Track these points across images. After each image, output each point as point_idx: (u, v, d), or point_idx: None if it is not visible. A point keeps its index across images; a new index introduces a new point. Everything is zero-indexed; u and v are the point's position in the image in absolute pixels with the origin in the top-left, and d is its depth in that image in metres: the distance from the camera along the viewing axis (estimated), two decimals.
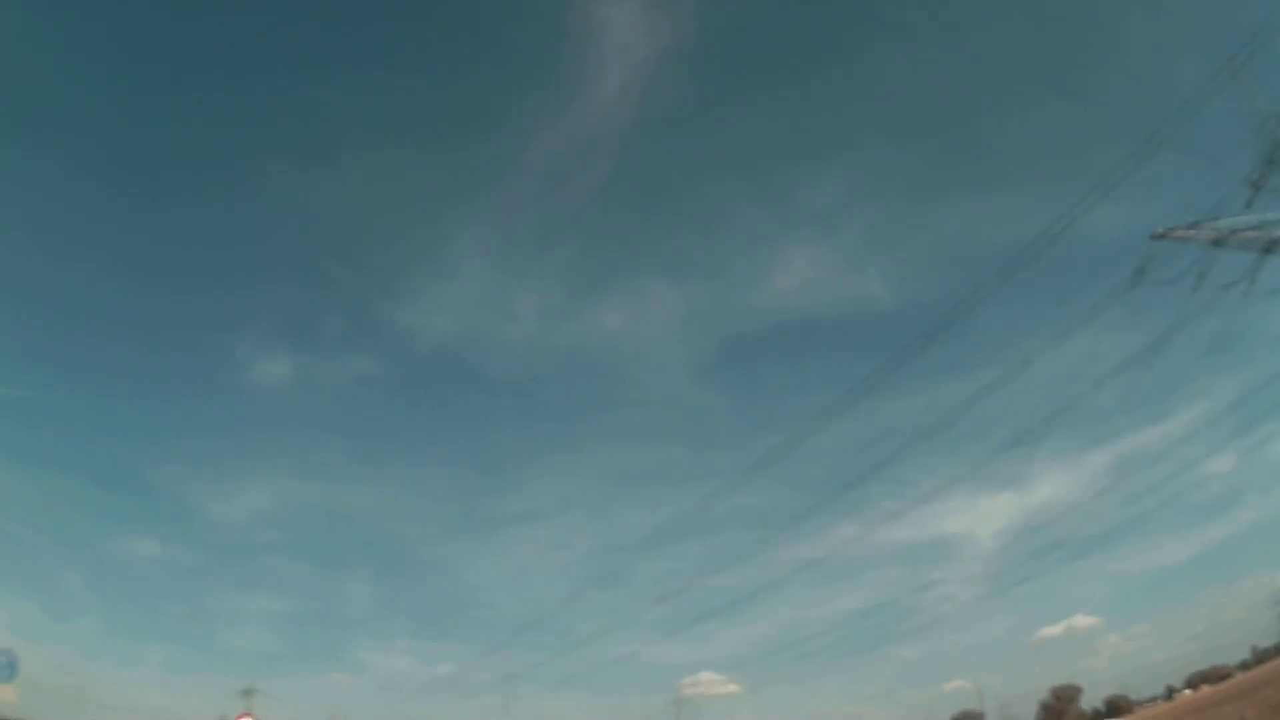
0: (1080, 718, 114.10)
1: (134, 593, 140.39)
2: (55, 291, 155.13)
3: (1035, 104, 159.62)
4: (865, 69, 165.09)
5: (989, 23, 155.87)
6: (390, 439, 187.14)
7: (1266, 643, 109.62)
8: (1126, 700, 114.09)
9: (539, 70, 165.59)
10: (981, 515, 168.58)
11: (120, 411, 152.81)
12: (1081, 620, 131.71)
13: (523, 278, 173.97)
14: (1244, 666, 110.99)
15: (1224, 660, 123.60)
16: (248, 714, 66.14)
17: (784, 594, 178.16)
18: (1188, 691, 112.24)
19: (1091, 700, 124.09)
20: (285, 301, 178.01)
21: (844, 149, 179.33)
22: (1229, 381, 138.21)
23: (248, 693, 66.57)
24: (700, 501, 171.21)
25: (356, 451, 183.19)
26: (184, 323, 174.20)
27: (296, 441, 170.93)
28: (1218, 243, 29.91)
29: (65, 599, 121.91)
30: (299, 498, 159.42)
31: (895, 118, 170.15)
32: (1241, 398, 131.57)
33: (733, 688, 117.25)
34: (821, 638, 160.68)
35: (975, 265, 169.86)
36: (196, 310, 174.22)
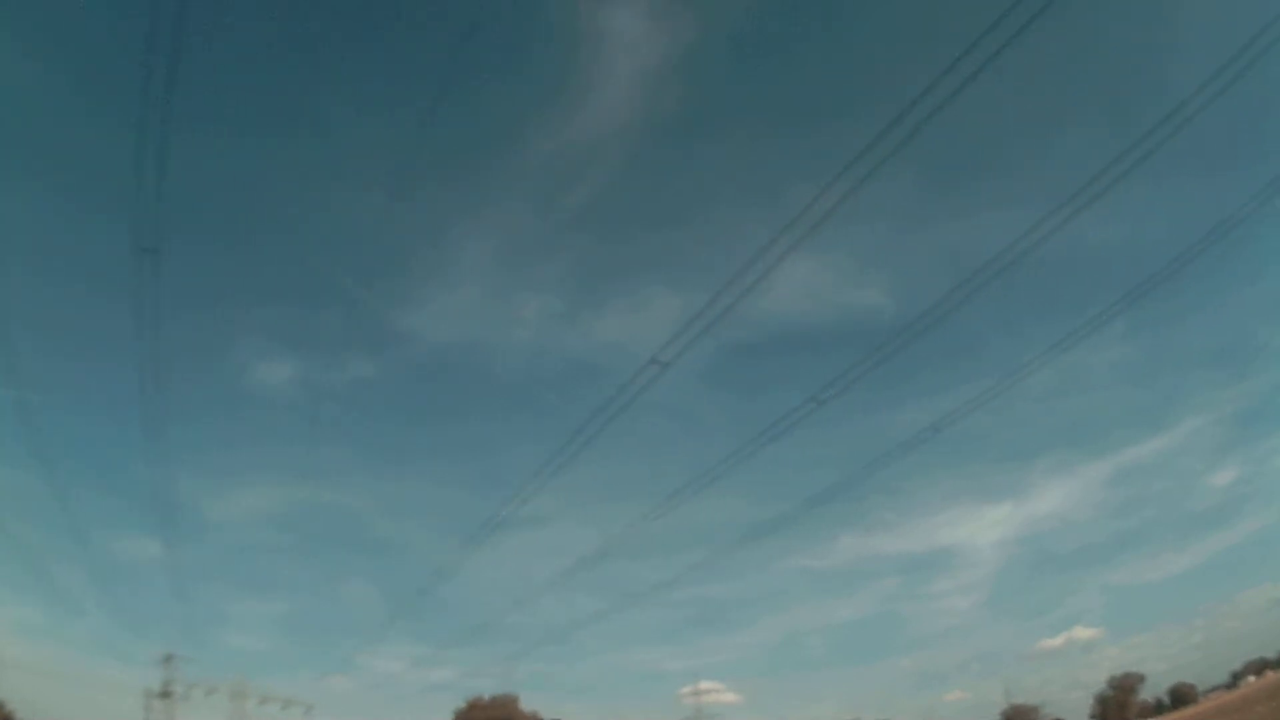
0: (1144, 709, 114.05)
1: (134, 593, 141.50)
2: (62, 290, 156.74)
3: (1041, 120, 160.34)
4: (870, 79, 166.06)
5: (995, 36, 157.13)
6: (391, 442, 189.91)
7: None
8: (1191, 689, 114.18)
9: (540, 79, 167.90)
10: (981, 526, 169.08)
11: (123, 413, 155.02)
12: (1081, 631, 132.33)
13: (525, 284, 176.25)
14: None
15: (1224, 669, 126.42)
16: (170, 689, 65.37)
17: (784, 603, 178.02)
18: (1251, 679, 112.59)
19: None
20: (288, 306, 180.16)
21: (847, 158, 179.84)
22: (1229, 394, 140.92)
23: (167, 659, 67.52)
24: (704, 510, 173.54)
25: (358, 454, 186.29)
26: (185, 325, 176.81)
27: (298, 444, 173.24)
28: None
29: (65, 599, 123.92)
30: (300, 500, 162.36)
31: (900, 127, 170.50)
32: (1241, 410, 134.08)
33: (731, 696, 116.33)
34: (821, 647, 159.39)
35: (978, 276, 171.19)
36: (199, 313, 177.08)
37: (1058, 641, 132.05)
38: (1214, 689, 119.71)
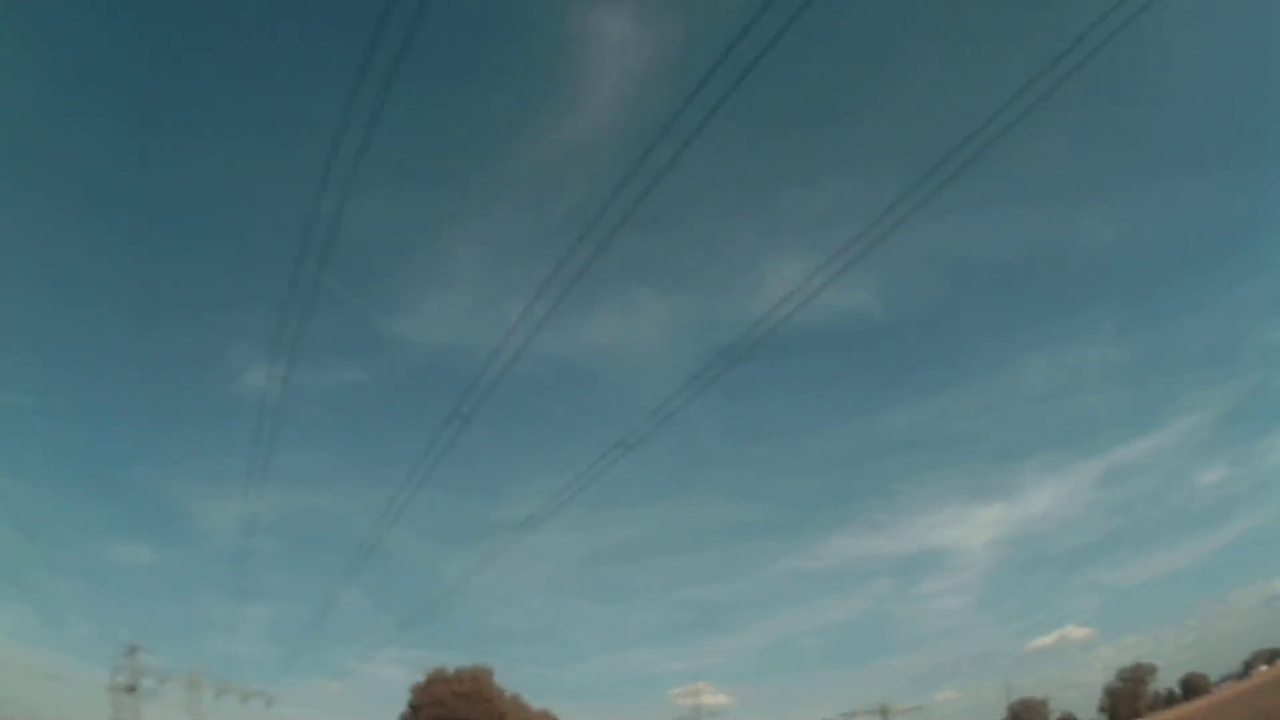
0: (1155, 699, 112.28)
1: (126, 599, 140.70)
2: (56, 297, 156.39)
3: (1028, 120, 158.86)
4: (858, 81, 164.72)
5: (982, 37, 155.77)
6: (382, 447, 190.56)
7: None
8: (1203, 679, 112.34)
9: (530, 83, 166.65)
10: (973, 526, 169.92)
11: (116, 418, 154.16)
12: (1074, 631, 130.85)
13: (514, 288, 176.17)
14: None
15: (1218, 669, 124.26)
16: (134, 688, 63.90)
17: (777, 604, 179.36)
18: (1264, 668, 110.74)
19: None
20: (279, 310, 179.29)
21: (835, 159, 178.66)
22: (1219, 394, 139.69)
23: (131, 651, 66.53)
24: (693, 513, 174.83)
25: (349, 459, 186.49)
26: (178, 330, 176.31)
27: (290, 450, 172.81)
28: None
29: (59, 605, 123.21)
30: (291, 506, 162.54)
31: (888, 129, 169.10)
32: (1232, 410, 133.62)
33: (724, 698, 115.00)
34: (814, 648, 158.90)
35: (968, 277, 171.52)
36: (190, 319, 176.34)
37: (1050, 640, 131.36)
38: (1225, 678, 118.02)
